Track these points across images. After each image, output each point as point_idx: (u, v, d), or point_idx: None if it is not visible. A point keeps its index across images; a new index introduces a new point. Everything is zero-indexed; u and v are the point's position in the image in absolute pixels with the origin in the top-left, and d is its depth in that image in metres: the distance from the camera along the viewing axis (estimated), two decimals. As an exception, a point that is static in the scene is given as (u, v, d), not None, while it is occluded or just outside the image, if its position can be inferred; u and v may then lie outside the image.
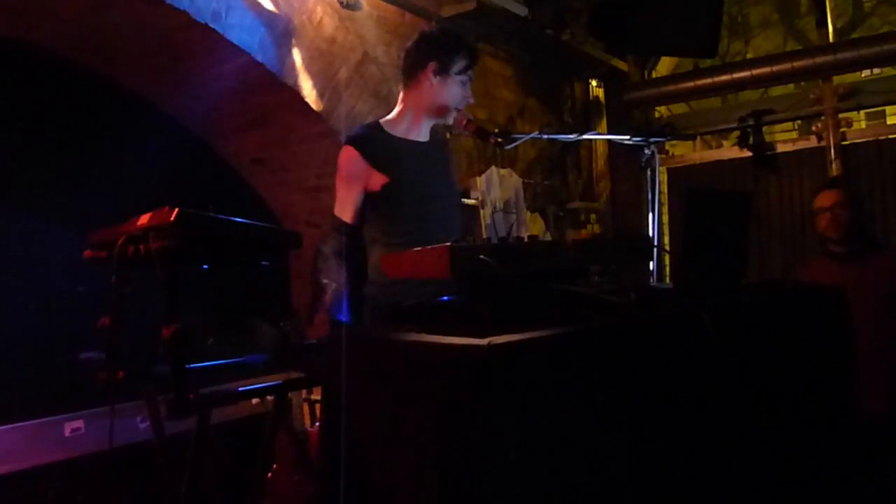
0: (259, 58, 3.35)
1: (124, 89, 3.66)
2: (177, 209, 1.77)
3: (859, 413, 2.23)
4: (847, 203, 3.06)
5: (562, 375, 1.30)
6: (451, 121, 2.48)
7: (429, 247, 1.49)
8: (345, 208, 2.37)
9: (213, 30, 3.14)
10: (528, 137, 2.39)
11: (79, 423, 2.52)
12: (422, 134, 2.49)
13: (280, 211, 4.46)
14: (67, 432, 2.50)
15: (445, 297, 1.64)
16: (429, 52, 2.42)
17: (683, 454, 1.52)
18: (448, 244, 1.43)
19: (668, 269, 3.22)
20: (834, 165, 5.32)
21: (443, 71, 2.39)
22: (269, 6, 3.41)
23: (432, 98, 2.42)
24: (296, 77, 3.56)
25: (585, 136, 2.51)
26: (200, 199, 1.93)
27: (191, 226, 1.80)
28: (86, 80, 3.49)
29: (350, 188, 2.37)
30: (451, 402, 1.28)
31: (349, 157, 2.38)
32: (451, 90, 2.41)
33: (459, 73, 2.41)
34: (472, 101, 2.47)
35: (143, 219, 1.84)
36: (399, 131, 2.46)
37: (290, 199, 4.40)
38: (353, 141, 2.41)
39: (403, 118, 2.47)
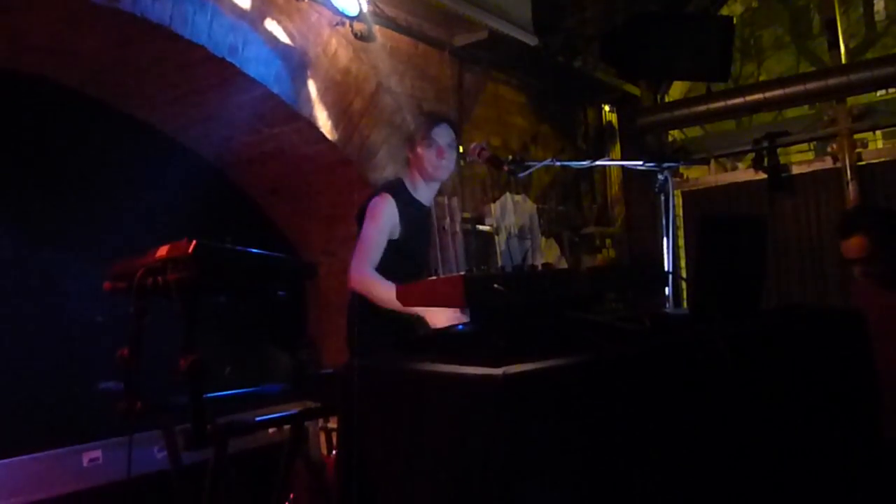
0: (275, 90, 3.41)
1: (142, 122, 3.72)
2: (194, 241, 1.79)
3: (886, 439, 2.18)
4: (876, 253, 2.61)
5: (577, 404, 1.29)
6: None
7: (443, 276, 1.49)
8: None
9: (230, 63, 3.20)
10: (540, 165, 2.40)
11: (97, 454, 2.52)
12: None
13: (296, 240, 4.49)
14: (85, 462, 2.50)
15: (461, 326, 1.64)
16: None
17: (700, 481, 1.50)
18: (462, 273, 1.44)
19: (685, 293, 3.19)
20: (850, 186, 5.29)
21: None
22: (285, 39, 3.47)
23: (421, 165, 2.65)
24: (311, 108, 3.61)
25: (598, 163, 2.52)
26: (218, 230, 1.95)
27: (208, 257, 1.81)
28: (104, 114, 3.55)
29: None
30: (466, 431, 1.28)
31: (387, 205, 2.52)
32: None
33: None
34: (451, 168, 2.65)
35: (162, 250, 1.86)
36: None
37: (305, 228, 4.43)
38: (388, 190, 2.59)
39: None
